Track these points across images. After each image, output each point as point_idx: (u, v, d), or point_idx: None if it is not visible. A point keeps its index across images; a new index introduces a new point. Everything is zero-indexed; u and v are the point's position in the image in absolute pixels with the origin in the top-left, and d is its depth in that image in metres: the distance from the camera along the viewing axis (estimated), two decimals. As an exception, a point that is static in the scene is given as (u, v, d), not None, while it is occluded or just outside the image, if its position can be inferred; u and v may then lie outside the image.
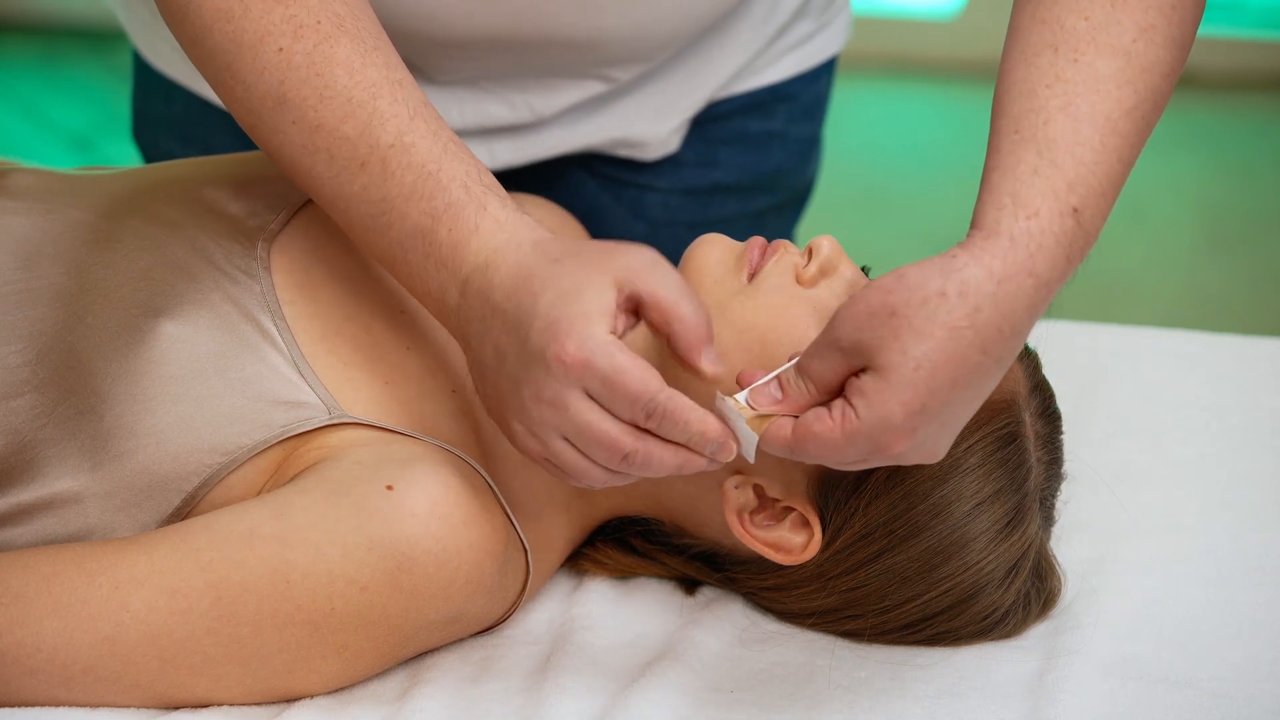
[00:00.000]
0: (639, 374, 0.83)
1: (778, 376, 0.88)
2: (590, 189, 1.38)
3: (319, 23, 0.91)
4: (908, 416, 0.82)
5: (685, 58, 1.29)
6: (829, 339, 0.85)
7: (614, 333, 0.84)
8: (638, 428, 0.85)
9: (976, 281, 0.83)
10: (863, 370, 0.84)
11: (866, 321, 0.83)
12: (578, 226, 1.28)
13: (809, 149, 1.45)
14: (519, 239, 0.88)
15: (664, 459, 0.86)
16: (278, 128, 0.92)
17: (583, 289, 0.84)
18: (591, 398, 0.84)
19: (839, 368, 0.85)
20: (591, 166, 1.37)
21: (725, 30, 1.30)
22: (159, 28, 1.31)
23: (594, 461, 0.86)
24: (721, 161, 1.38)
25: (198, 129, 1.33)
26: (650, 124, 1.31)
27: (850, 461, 0.85)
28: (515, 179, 1.37)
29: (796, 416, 0.86)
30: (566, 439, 0.86)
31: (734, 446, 0.87)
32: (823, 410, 0.85)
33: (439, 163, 0.90)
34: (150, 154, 1.41)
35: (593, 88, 1.26)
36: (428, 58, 1.20)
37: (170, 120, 1.36)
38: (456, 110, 1.25)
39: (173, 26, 0.95)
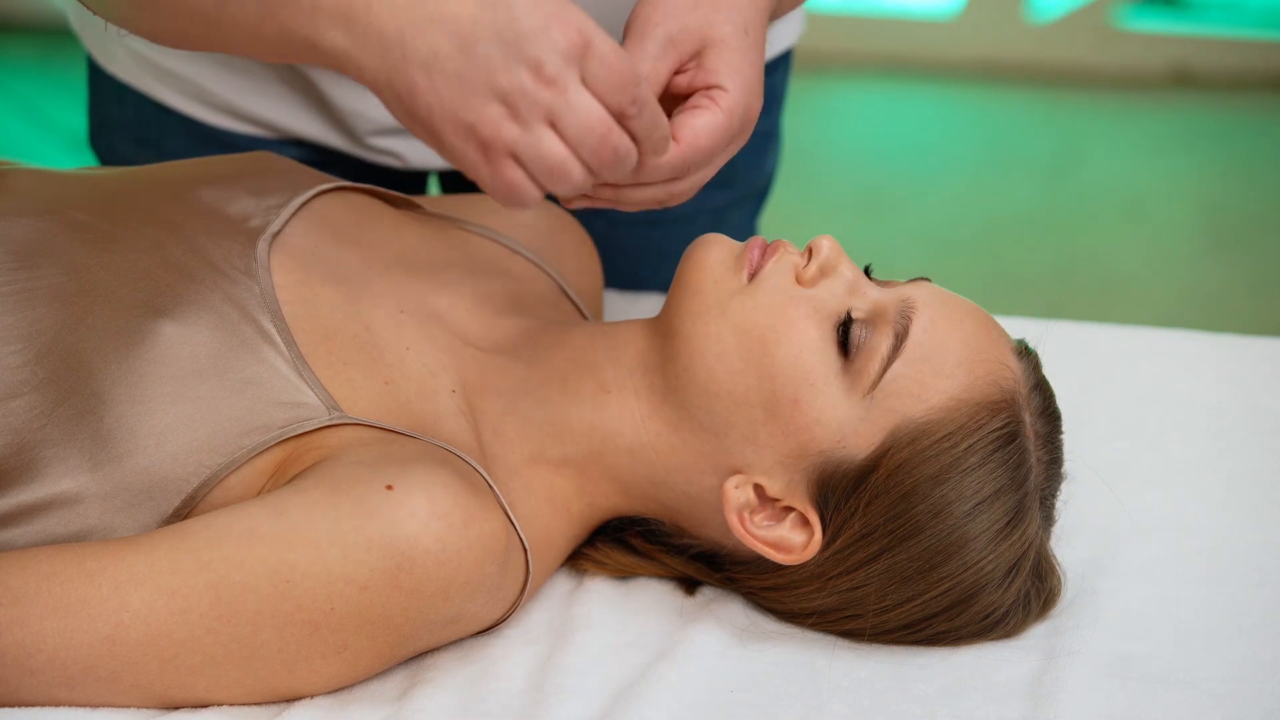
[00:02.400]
0: (630, 60, 0.84)
1: None
2: None
3: None
4: (758, 75, 0.89)
5: None
6: (656, 37, 0.90)
7: None
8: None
9: None
10: (694, 58, 0.89)
11: (680, 8, 0.89)
12: (574, 222, 1.27)
13: (766, 143, 1.44)
14: None
15: (631, 152, 0.85)
16: None
17: None
18: (586, 83, 0.83)
19: (671, 63, 0.90)
20: None
21: None
22: (112, 30, 1.30)
23: (575, 153, 0.83)
24: None
25: (151, 131, 1.33)
26: None
27: (723, 149, 0.90)
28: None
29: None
30: (554, 126, 0.83)
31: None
32: (688, 109, 0.89)
33: None
34: (106, 159, 1.40)
35: None
36: None
37: (124, 123, 1.35)
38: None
39: None
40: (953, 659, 1.01)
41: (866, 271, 1.04)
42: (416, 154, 1.30)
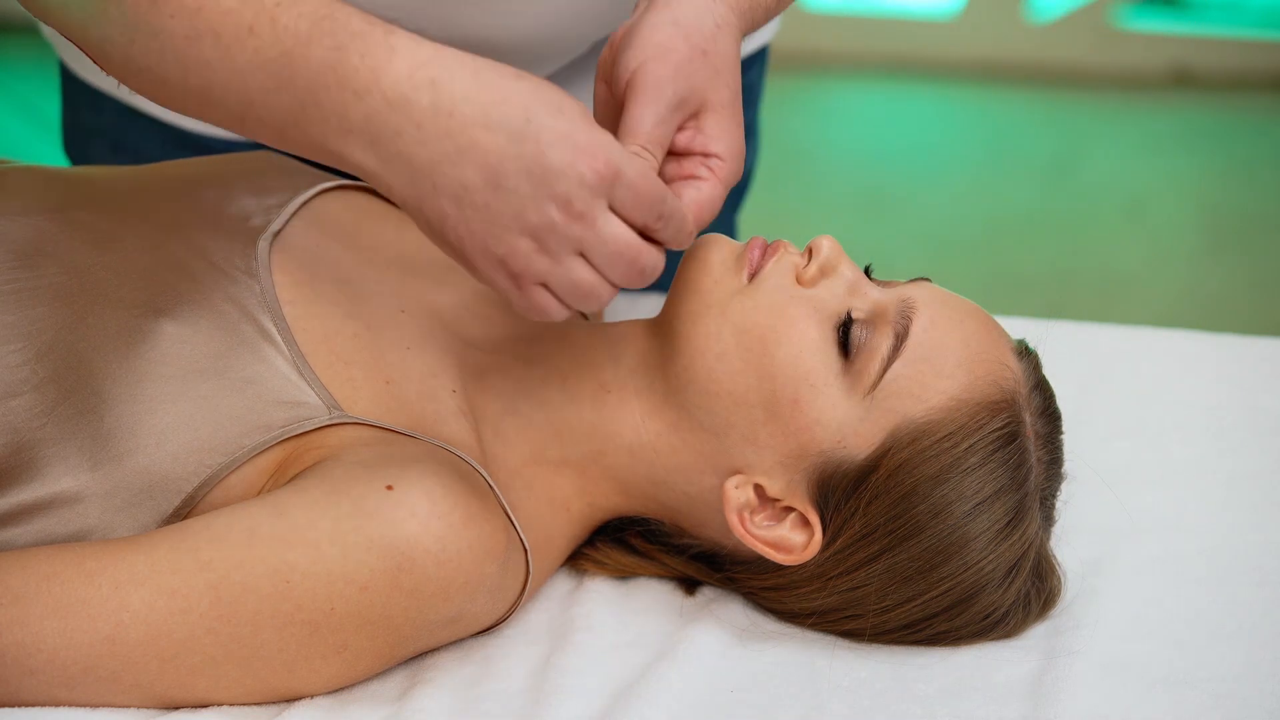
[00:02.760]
0: (655, 177, 0.87)
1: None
2: None
3: None
4: (743, 135, 0.93)
5: (592, 56, 1.27)
6: (667, 99, 0.90)
7: None
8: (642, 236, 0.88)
9: (728, 17, 0.94)
10: (692, 118, 0.92)
11: (688, 69, 0.90)
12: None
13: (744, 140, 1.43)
14: (445, 52, 0.85)
15: (659, 264, 0.88)
16: (158, 29, 0.87)
17: (567, 101, 0.85)
18: (613, 209, 0.86)
19: (678, 123, 0.91)
20: None
21: None
22: None
23: (604, 278, 0.87)
24: None
25: (128, 136, 1.32)
26: None
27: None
28: None
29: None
30: (583, 255, 0.86)
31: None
32: (689, 181, 0.92)
33: (330, 7, 0.86)
34: (81, 164, 1.39)
35: None
36: None
37: (99, 129, 1.34)
38: None
39: None
40: (953, 659, 1.01)
41: (866, 272, 1.04)
42: None
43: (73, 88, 1.36)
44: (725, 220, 1.46)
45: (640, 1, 0.95)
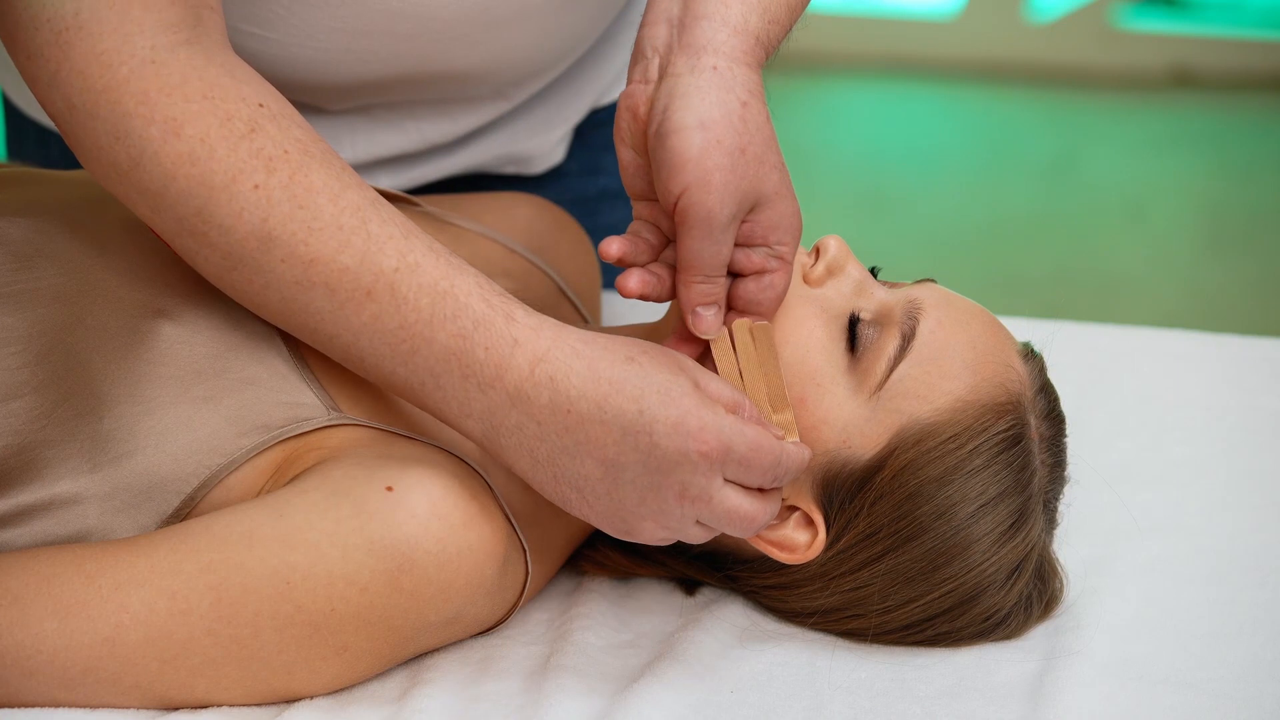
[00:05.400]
0: (765, 440, 0.90)
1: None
2: None
3: (286, 152, 0.88)
4: (797, 203, 0.94)
5: (570, 69, 1.28)
6: (722, 223, 0.90)
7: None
8: (759, 490, 0.92)
9: (749, 82, 0.92)
10: (749, 212, 0.92)
11: (734, 180, 0.90)
12: (572, 222, 1.27)
13: None
14: (562, 342, 0.89)
15: (775, 509, 0.93)
16: (264, 268, 0.89)
17: (677, 381, 0.88)
18: (727, 480, 0.90)
19: (735, 232, 0.92)
20: (479, 184, 1.35)
21: (609, 39, 1.29)
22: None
23: (719, 533, 0.92)
24: (606, 168, 1.37)
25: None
26: (536, 138, 1.30)
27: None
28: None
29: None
30: (701, 523, 0.91)
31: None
32: (762, 276, 0.94)
33: (450, 280, 0.89)
34: None
35: (489, 111, 1.24)
36: (319, 98, 1.17)
37: (48, 165, 1.32)
38: (348, 139, 1.21)
39: (124, 180, 0.89)
40: (953, 659, 1.01)
41: (873, 273, 1.04)
42: None
43: (17, 124, 1.35)
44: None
45: (641, 56, 0.94)
